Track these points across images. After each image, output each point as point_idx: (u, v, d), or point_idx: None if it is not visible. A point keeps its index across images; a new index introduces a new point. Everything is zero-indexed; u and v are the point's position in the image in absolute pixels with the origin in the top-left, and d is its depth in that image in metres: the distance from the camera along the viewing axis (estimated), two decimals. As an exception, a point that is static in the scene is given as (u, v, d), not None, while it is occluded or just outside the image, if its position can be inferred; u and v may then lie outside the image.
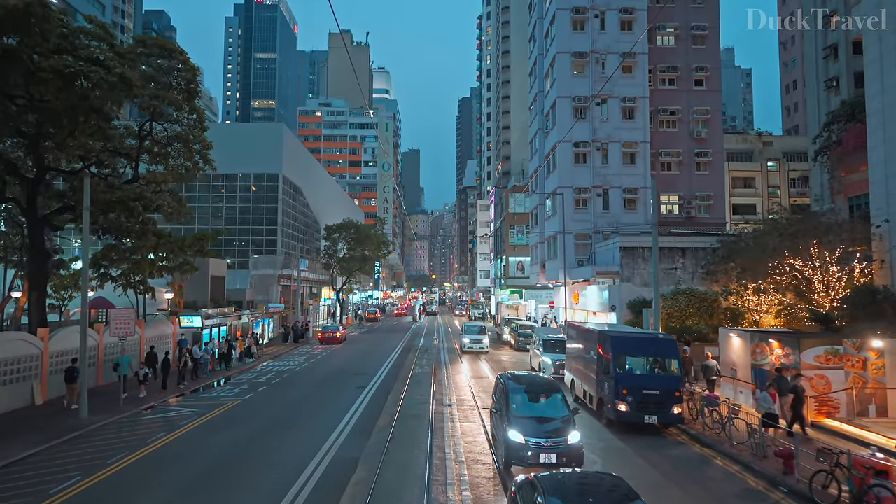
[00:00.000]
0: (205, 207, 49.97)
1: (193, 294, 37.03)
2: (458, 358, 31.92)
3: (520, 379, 13.22)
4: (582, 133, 36.23)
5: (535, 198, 45.01)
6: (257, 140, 50.12)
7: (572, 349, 20.11)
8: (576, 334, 19.82)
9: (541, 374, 13.96)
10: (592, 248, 36.08)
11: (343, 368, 28.21)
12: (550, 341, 25.67)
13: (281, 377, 25.51)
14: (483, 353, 33.50)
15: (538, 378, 13.82)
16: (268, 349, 36.86)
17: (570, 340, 20.49)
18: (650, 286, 31.03)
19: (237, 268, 49.82)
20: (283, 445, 13.99)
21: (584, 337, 18.65)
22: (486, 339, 34.74)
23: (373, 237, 62.99)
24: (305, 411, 18.10)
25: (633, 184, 36.40)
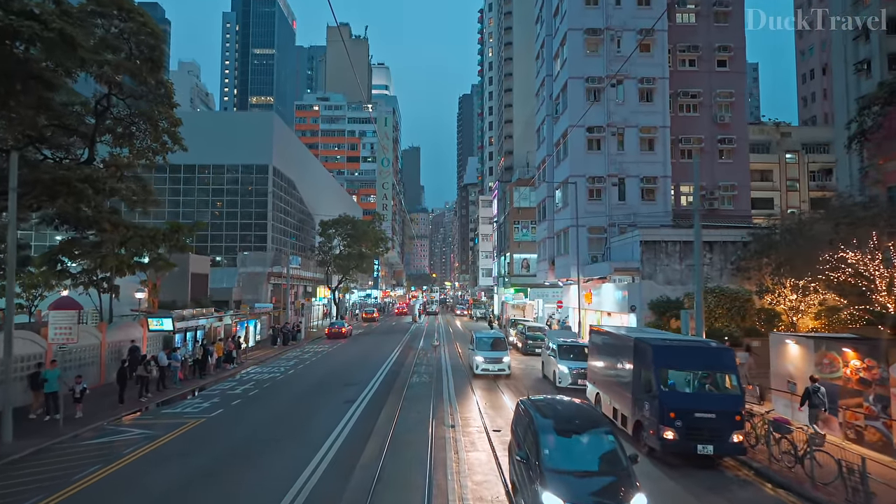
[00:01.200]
0: (190, 201, 46.92)
1: (172, 293, 33.99)
2: (460, 365, 28.88)
3: (550, 410, 9.65)
4: (596, 117, 33.15)
5: (542, 190, 41.95)
6: (246, 129, 47.08)
7: (598, 358, 17.05)
8: (602, 341, 16.76)
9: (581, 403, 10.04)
10: (607, 242, 33.02)
11: (332, 376, 25.19)
12: (567, 347, 22.62)
13: (261, 387, 22.48)
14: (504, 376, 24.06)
15: (576, 408, 10.08)
16: (254, 353, 33.85)
17: (595, 348, 17.43)
18: (674, 284, 28.03)
19: (225, 265, 46.82)
20: (240, 490, 10.93)
21: (614, 345, 15.60)
22: (508, 356, 24.54)
23: (370, 233, 59.95)
24: (279, 434, 15.04)
25: (651, 172, 33.32)
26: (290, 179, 52.70)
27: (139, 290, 28.03)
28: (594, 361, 17.45)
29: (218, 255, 46.93)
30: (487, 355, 24.25)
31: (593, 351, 17.62)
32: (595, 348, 17.35)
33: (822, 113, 65.29)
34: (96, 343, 22.07)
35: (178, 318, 25.55)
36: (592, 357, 17.75)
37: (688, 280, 27.65)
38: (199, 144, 46.36)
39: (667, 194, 33.44)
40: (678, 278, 27.73)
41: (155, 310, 29.39)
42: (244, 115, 55.39)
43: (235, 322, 32.43)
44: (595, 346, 17.35)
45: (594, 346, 17.51)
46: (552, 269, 39.57)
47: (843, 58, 41.17)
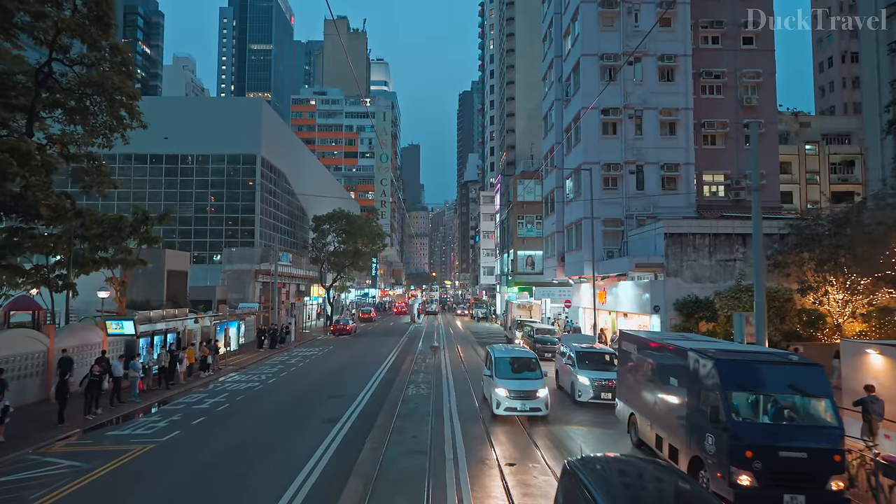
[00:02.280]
0: (172, 193, 43.85)
1: (145, 292, 31.06)
2: (463, 375, 25.85)
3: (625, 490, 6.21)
4: (611, 98, 30.11)
5: (550, 181, 38.89)
6: (232, 117, 44.04)
7: (632, 371, 14.00)
8: (638, 350, 13.70)
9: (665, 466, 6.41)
10: (624, 236, 30.00)
11: (317, 386, 22.15)
12: (587, 354, 19.58)
13: (233, 400, 19.44)
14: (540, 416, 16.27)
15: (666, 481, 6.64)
16: (235, 358, 30.82)
17: (627, 358, 14.37)
18: (703, 282, 24.99)
19: (209, 262, 43.79)
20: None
21: (657, 356, 12.54)
22: (544, 386, 16.41)
23: (366, 229, 56.79)
24: (235, 471, 11.98)
25: (673, 159, 30.29)
26: (281, 171, 49.63)
27: (102, 288, 24.99)
28: (626, 374, 14.39)
29: (201, 251, 43.89)
30: (514, 386, 16.04)
31: (625, 362, 14.56)
32: (627, 359, 14.28)
33: (841, 102, 62.28)
34: (42, 350, 19.00)
35: (143, 320, 22.49)
36: (624, 369, 14.69)
37: (718, 277, 24.66)
38: (181, 133, 43.55)
39: (690, 183, 30.41)
40: (707, 275, 24.72)
41: (122, 311, 26.40)
42: (230, 102, 52.40)
43: (214, 324, 29.39)
44: (627, 356, 14.28)
45: (626, 357, 14.45)
46: (561, 265, 36.54)
47: (875, 39, 38.16)
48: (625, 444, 13.92)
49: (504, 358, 17.62)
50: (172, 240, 42.97)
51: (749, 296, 22.95)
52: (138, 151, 43.15)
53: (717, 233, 24.80)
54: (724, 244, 24.79)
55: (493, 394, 16.59)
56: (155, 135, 42.89)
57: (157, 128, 44.34)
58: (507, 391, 16.08)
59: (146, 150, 43.16)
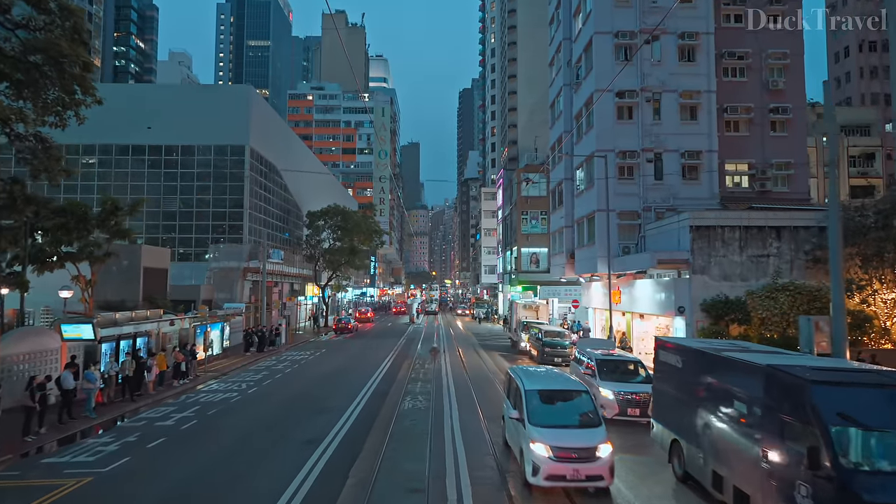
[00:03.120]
0: (155, 187, 41.30)
1: (119, 291, 28.57)
2: (465, 383, 23.33)
3: None
4: (627, 80, 27.58)
5: (558, 172, 36.38)
6: (219, 106, 41.50)
7: (675, 388, 11.48)
8: (684, 362, 11.19)
9: None
10: (641, 230, 27.49)
11: (303, 397, 19.65)
12: (609, 362, 17.07)
13: (203, 416, 16.94)
14: None
15: None
16: (218, 363, 28.34)
17: (669, 372, 11.86)
18: (732, 280, 22.44)
19: (195, 259, 41.30)
20: None
21: (714, 371, 10.02)
22: (607, 443, 10.47)
23: (363, 225, 54.32)
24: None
25: (694, 146, 27.78)
26: (272, 164, 47.09)
27: (65, 287, 22.48)
28: (668, 391, 11.87)
29: (187, 248, 41.39)
30: (561, 440, 10.33)
31: (666, 376, 12.04)
32: (670, 373, 11.77)
33: (858, 93, 59.75)
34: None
35: (107, 322, 19.97)
36: (664, 384, 12.18)
37: (749, 275, 22.16)
38: (165, 122, 41.06)
39: (713, 172, 27.90)
40: (737, 272, 22.22)
41: (90, 312, 23.91)
42: (216, 90, 49.95)
43: (193, 326, 26.87)
44: (670, 369, 11.76)
45: (667, 370, 11.94)
46: (570, 263, 34.03)
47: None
48: (666, 477, 11.42)
49: (540, 391, 11.41)
50: (156, 236, 40.49)
51: (787, 295, 20.50)
52: (119, 142, 40.67)
53: (748, 225, 22.29)
54: (757, 238, 22.29)
55: (524, 449, 10.64)
56: (137, 124, 40.46)
57: (139, 117, 42.03)
58: (548, 448, 10.09)
59: (128, 141, 40.69)
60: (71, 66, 16.28)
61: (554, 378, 12.79)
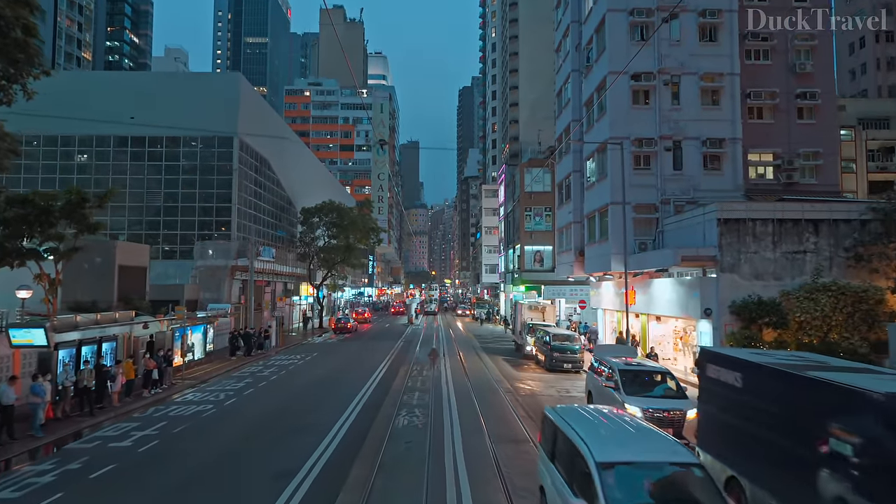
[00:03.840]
0: (139, 180, 39.01)
1: (91, 291, 26.29)
2: (468, 395, 21.09)
3: None
4: (643, 62, 25.33)
5: (566, 164, 34.13)
6: (206, 94, 39.19)
7: (735, 413, 9.21)
8: (745, 382, 8.91)
9: None
10: (659, 225, 25.26)
11: (284, 411, 17.41)
12: (634, 373, 14.82)
13: (168, 435, 14.71)
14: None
15: None
16: (199, 369, 26.13)
17: (721, 391, 9.61)
18: (765, 278, 20.13)
19: (180, 257, 39.05)
20: None
21: (791, 395, 7.76)
22: None
23: (359, 222, 52.05)
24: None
25: (716, 133, 25.53)
26: (264, 157, 44.80)
27: (23, 286, 20.20)
28: (720, 417, 9.63)
29: (172, 245, 39.13)
30: None
31: (716, 397, 9.80)
32: (724, 393, 9.51)
33: (875, 85, 57.49)
34: None
35: (65, 326, 17.70)
36: (714, 407, 9.94)
37: (784, 273, 19.94)
38: (149, 112, 38.78)
39: (737, 162, 25.67)
40: (770, 270, 19.99)
41: (53, 314, 21.66)
42: (203, 78, 47.67)
43: (171, 329, 24.59)
44: (723, 388, 9.50)
45: (717, 389, 9.69)
46: (579, 261, 31.79)
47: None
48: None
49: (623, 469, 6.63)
50: (139, 232, 38.22)
51: (828, 296, 18.29)
52: (100, 133, 38.38)
53: (782, 218, 20.06)
54: (792, 232, 20.06)
55: None
56: (119, 114, 38.19)
57: (121, 107, 39.75)
58: None
59: (109, 132, 38.38)
60: (10, 28, 14.01)
61: (638, 438, 7.58)
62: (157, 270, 37.80)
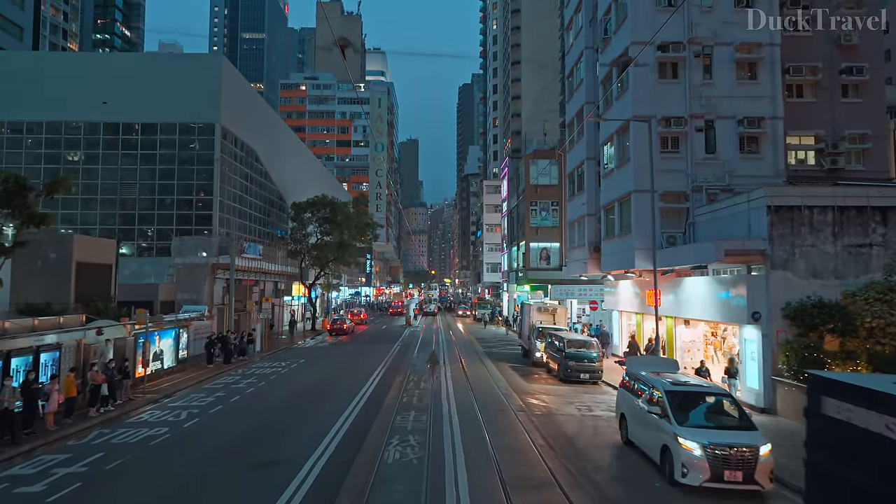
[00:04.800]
0: (111, 171, 35.90)
1: (44, 292, 23.26)
2: (473, 411, 18.05)
3: None
4: (671, 30, 22.24)
5: (578, 151, 31.05)
6: (185, 77, 36.05)
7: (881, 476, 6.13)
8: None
9: None
10: (690, 216, 22.18)
11: (250, 438, 14.34)
12: (687, 396, 11.74)
13: (98, 473, 11.66)
14: None
15: None
16: (169, 379, 23.06)
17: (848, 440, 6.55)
18: (824, 277, 16.84)
19: (157, 254, 35.98)
20: None
21: None
22: None
23: (353, 218, 49.01)
24: None
25: (754, 111, 22.46)
26: (251, 148, 41.67)
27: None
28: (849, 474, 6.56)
29: (147, 241, 36.07)
30: None
31: (844, 447, 6.74)
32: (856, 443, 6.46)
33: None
34: None
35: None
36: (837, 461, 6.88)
37: (846, 270, 16.90)
38: (123, 97, 35.71)
39: (778, 144, 22.60)
40: (830, 267, 16.92)
41: (-10, 318, 18.61)
42: (182, 59, 44.50)
43: (134, 335, 21.52)
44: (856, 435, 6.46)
45: (849, 436, 6.64)
46: (594, 257, 28.73)
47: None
48: None
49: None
50: (111, 227, 35.12)
51: (907, 299, 15.21)
52: (70, 118, 35.29)
53: (844, 206, 17.00)
54: (855, 222, 16.99)
55: None
56: (91, 99, 35.15)
57: (93, 90, 36.71)
58: None
59: (80, 118, 35.32)
60: None
61: None
62: (131, 269, 34.80)
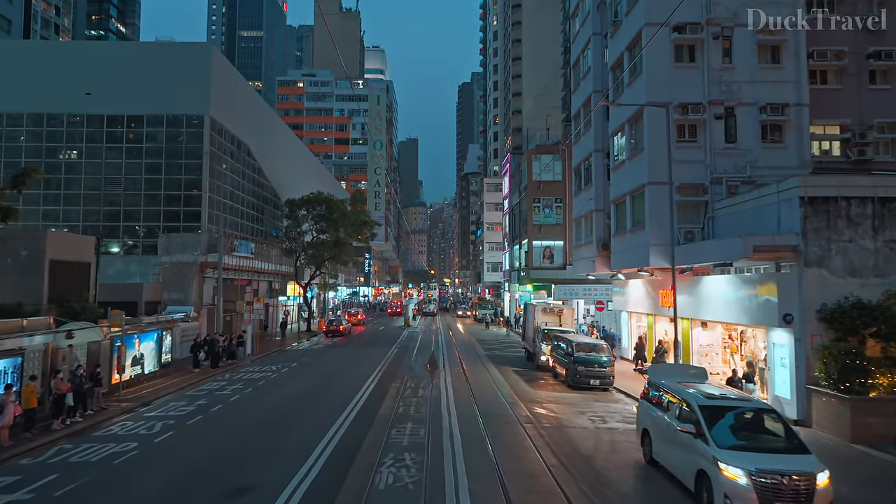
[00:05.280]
0: (95, 165, 34.30)
1: (15, 291, 21.68)
2: (476, 423, 16.49)
3: None
4: (688, 10, 20.63)
5: (585, 143, 29.48)
6: (173, 68, 34.39)
7: None
8: None
9: None
10: (709, 209, 20.61)
11: (226, 456, 12.76)
12: (726, 412, 10.13)
13: (46, 500, 10.08)
14: None
15: None
16: (150, 385, 21.50)
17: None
18: (863, 276, 14.70)
19: (143, 253, 34.39)
20: None
21: None
22: None
23: (350, 215, 47.43)
24: None
25: (777, 97, 20.87)
26: (242, 142, 40.07)
27: None
28: None
29: (133, 239, 34.48)
30: None
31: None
32: None
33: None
34: None
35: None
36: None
37: (889, 268, 15.39)
38: (108, 88, 34.09)
39: (802, 133, 21.02)
40: (870, 264, 15.35)
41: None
42: (170, 48, 42.83)
43: (109, 339, 19.92)
44: None
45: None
46: (603, 255, 27.15)
47: None
48: None
49: None
50: (95, 224, 33.50)
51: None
52: (52, 111, 33.70)
53: (885, 196, 15.43)
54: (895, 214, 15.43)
55: None
56: (74, 90, 33.55)
57: (76, 81, 35.12)
58: None
59: (62, 110, 33.73)
60: None
61: None
62: (116, 268, 33.22)
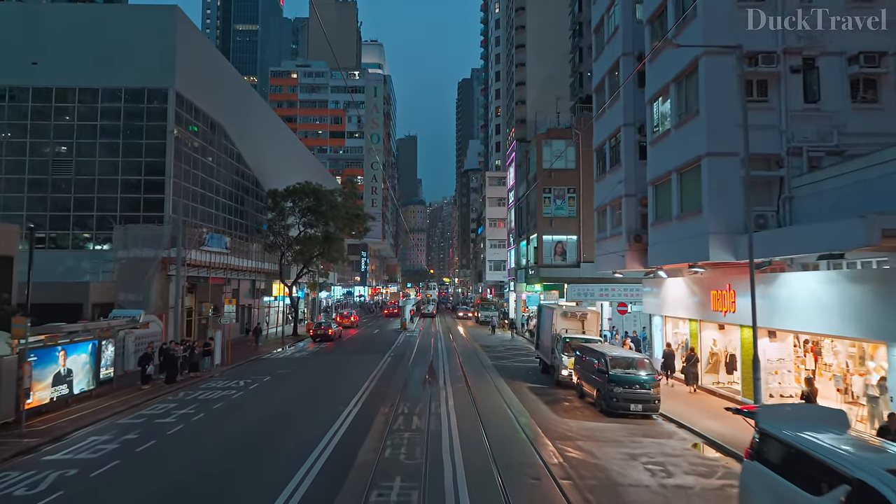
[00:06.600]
0: (41, 146, 29.80)
1: None
2: (492, 480, 12.03)
3: None
4: (755, -65, 16.20)
5: (613, 117, 24.99)
6: (132, 35, 29.83)
7: None
8: None
9: None
10: (784, 188, 16.14)
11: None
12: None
13: None
14: None
15: None
16: (79, 409, 17.07)
17: None
18: None
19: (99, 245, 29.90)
20: None
21: None
22: None
23: (340, 208, 43.00)
24: None
25: (871, 44, 16.34)
26: (216, 122, 35.50)
27: None
28: None
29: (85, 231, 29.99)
30: None
31: None
32: None
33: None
34: None
35: None
36: None
37: None
38: (57, 57, 29.49)
39: (905, 90, 16.54)
40: None
41: None
42: (128, 12, 38.15)
43: (19, 351, 15.48)
44: None
45: None
46: (635, 249, 22.65)
47: None
48: None
49: None
50: (42, 214, 29.02)
51: None
52: (-9, 83, 29.22)
53: None
54: None
55: None
56: (18, 59, 29.06)
57: (21, 49, 30.69)
58: None
59: (4, 82, 29.28)
60: None
61: None
62: (66, 265, 28.76)
